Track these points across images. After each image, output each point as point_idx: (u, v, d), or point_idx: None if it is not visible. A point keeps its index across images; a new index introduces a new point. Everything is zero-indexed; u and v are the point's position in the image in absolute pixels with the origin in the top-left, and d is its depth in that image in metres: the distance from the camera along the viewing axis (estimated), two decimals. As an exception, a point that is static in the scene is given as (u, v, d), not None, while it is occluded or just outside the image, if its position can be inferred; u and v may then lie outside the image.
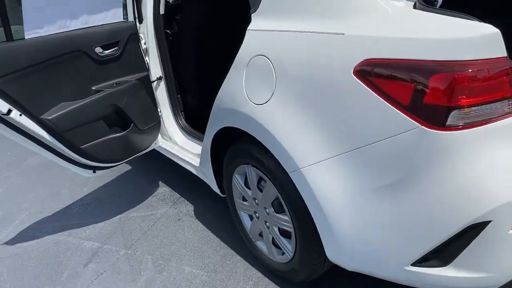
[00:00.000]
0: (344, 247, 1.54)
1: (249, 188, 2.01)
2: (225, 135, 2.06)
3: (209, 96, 3.02)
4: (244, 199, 2.12)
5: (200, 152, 2.50)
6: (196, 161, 2.49)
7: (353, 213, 1.46)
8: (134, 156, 2.53)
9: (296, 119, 1.54)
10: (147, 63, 2.55)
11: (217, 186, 2.30)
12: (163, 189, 3.00)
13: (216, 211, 2.67)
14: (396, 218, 1.37)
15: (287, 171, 1.62)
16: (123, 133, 2.39)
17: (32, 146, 2.16)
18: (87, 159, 2.32)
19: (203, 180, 2.43)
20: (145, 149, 2.58)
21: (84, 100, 2.20)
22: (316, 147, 1.49)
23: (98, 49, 2.25)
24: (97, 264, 2.37)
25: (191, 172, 2.53)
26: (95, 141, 2.28)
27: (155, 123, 2.59)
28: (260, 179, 1.92)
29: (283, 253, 1.97)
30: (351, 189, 1.44)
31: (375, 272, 1.53)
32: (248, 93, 1.71)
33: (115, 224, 2.70)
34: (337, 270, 1.82)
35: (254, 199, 1.99)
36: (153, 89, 2.61)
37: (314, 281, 2.00)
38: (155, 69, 2.64)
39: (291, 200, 1.70)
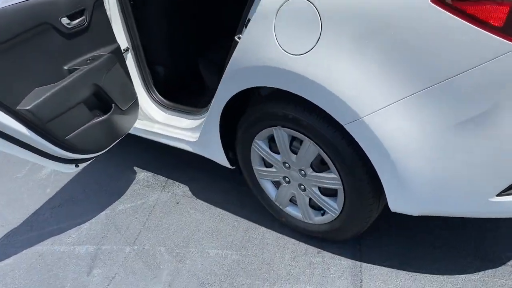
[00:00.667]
0: (416, 192, 1.47)
1: (276, 153, 1.85)
2: (236, 101, 1.86)
3: (183, 64, 2.75)
4: (268, 166, 1.95)
5: (191, 126, 2.27)
6: (189, 136, 2.26)
7: (432, 154, 1.38)
8: (117, 140, 2.21)
9: (353, 64, 1.39)
10: (113, 33, 2.21)
11: (226, 158, 2.10)
12: (143, 175, 2.70)
13: (216, 186, 2.47)
14: (482, 152, 1.32)
15: (342, 124, 1.48)
16: (106, 116, 2.06)
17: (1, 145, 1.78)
18: (71, 152, 1.97)
19: (188, 157, 2.22)
20: (127, 131, 2.27)
21: (60, 83, 1.84)
22: (382, 91, 1.37)
23: (65, 20, 1.88)
24: (103, 268, 2.08)
25: (168, 151, 2.30)
26: (79, 130, 1.94)
27: (134, 100, 2.28)
28: (293, 140, 1.77)
29: (324, 213, 1.86)
30: (429, 130, 1.35)
31: (452, 211, 1.48)
32: (282, 45, 1.52)
33: (104, 221, 2.38)
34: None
35: (285, 163, 1.84)
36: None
37: (357, 237, 1.93)
38: (120, 40, 2.30)
39: (341, 155, 1.58)
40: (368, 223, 1.74)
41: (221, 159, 2.14)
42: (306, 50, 1.47)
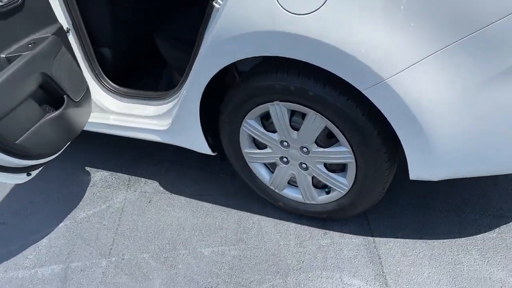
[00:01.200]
0: (445, 156, 1.36)
1: (272, 132, 1.65)
2: (213, 81, 1.63)
3: (132, 43, 2.41)
4: (261, 147, 1.75)
5: (157, 113, 2.00)
6: (155, 125, 1.99)
7: (465, 112, 1.27)
8: (73, 138, 1.88)
9: (374, 18, 1.23)
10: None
11: (207, 145, 1.86)
12: (99, 175, 2.37)
13: (190, 178, 2.22)
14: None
15: (361, 89, 1.32)
16: (59, 111, 1.72)
17: None
18: (24, 158, 1.62)
19: (150, 149, 1.97)
20: (83, 126, 1.94)
21: (0, 75, 1.47)
22: (408, 48, 1.22)
23: (-5, -5, 1.50)
24: (79, 289, 1.77)
25: (125, 144, 2.03)
26: (30, 130, 1.59)
27: (86, 89, 1.94)
28: (292, 115, 1.58)
29: (329, 191, 1.71)
30: (460, 87, 1.23)
31: (487, 170, 1.39)
32: (283, 3, 1.31)
33: (65, 234, 2.04)
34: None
35: (283, 141, 1.64)
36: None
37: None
38: (60, 19, 1.94)
39: (355, 125, 1.43)
40: (382, 195, 1.62)
41: (201, 146, 1.90)
42: (316, 7, 1.27)
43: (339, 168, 1.63)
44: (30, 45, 1.63)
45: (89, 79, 2.11)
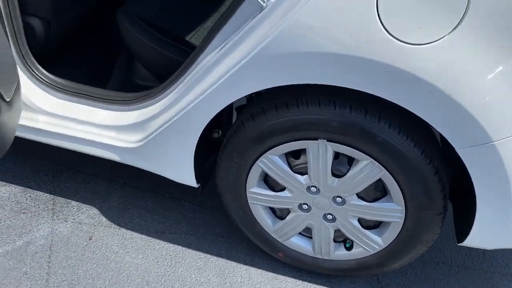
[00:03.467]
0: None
1: (300, 173, 1.29)
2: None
3: (75, 16, 1.77)
4: (275, 189, 1.37)
5: (117, 122, 1.48)
6: (115, 139, 1.47)
7: None
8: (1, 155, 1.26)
9: (500, 64, 0.96)
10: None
11: (194, 175, 1.41)
12: (5, 191, 1.70)
13: (143, 203, 1.71)
14: None
15: (456, 147, 1.05)
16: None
17: None
18: None
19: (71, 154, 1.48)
20: (14, 134, 1.32)
21: None
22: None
23: None
24: None
25: (33, 143, 1.51)
26: None
27: (17, 82, 1.32)
28: (335, 158, 1.24)
29: (350, 248, 1.42)
30: None
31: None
32: (389, 27, 0.96)
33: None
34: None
35: (311, 187, 1.30)
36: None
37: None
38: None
39: (423, 182, 1.16)
40: (416, 257, 1.38)
41: (182, 177, 1.44)
42: (433, 39, 0.96)
43: (374, 225, 1.35)
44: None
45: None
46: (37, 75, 1.50)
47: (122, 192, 1.75)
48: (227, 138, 1.32)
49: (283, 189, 1.35)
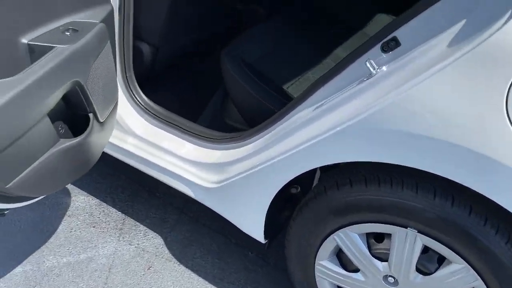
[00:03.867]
0: None
1: (378, 258, 1.15)
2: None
3: (182, 46, 1.81)
4: (347, 267, 1.24)
5: (199, 158, 1.45)
6: (195, 175, 1.44)
7: None
8: (84, 174, 1.28)
9: None
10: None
11: (263, 230, 1.33)
12: (82, 202, 1.75)
13: (208, 244, 1.66)
14: None
15: None
16: (80, 138, 1.12)
17: None
18: (4, 203, 1.02)
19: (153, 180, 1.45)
20: (98, 157, 1.34)
21: (16, 80, 0.87)
22: None
23: None
24: None
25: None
26: (31, 168, 0.99)
27: (115, 104, 1.35)
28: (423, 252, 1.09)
29: None
30: None
31: None
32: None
33: (24, 283, 1.42)
34: None
35: (388, 276, 1.15)
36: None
37: None
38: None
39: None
40: None
41: (251, 229, 1.37)
42: None
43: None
44: (67, 33, 1.03)
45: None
46: (136, 98, 1.53)
47: (190, 226, 1.71)
48: (305, 201, 1.22)
49: (356, 270, 1.22)
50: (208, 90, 1.82)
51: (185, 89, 1.84)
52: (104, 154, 1.45)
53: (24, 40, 0.94)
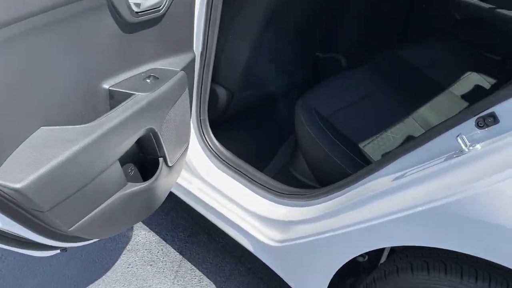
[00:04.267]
0: None
1: None
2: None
3: (258, 92, 1.81)
4: None
5: (266, 213, 1.39)
6: (258, 231, 1.38)
7: None
8: (147, 216, 1.27)
9: None
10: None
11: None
12: (143, 237, 1.75)
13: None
14: None
15: None
16: (148, 183, 1.11)
17: None
18: (68, 242, 1.02)
19: None
20: (163, 200, 1.33)
21: (94, 126, 0.87)
22: None
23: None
24: None
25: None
26: (96, 210, 0.98)
27: (185, 147, 1.34)
28: None
29: None
30: None
31: None
32: None
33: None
34: None
35: None
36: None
37: None
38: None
39: None
40: None
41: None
42: None
43: None
44: (148, 80, 1.03)
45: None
46: (207, 141, 1.52)
47: (245, 278, 1.65)
48: (372, 279, 1.12)
49: None
50: (279, 138, 1.78)
51: (255, 135, 1.81)
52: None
53: (106, 86, 0.95)
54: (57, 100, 0.84)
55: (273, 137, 1.79)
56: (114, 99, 0.96)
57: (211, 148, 1.52)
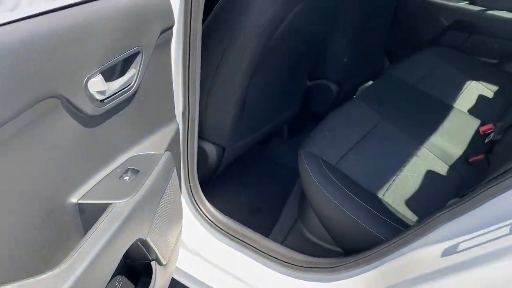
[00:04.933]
0: None
1: None
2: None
3: (250, 145, 1.59)
4: None
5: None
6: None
7: None
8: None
9: None
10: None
11: None
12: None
13: None
14: None
15: None
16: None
17: None
18: None
19: None
20: None
21: (63, 269, 0.64)
22: None
23: (94, 87, 0.69)
24: None
25: None
26: None
27: (179, 232, 1.12)
28: None
29: None
30: None
31: None
32: None
33: None
34: None
35: None
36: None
37: None
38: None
39: None
40: None
41: None
42: None
43: None
44: (126, 177, 0.81)
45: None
46: (201, 211, 1.29)
47: None
48: None
49: None
50: (280, 187, 1.56)
51: (250, 185, 1.59)
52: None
53: (73, 200, 0.72)
54: (20, 218, 0.62)
55: (271, 184, 1.58)
56: (86, 213, 0.74)
57: (207, 217, 1.30)
